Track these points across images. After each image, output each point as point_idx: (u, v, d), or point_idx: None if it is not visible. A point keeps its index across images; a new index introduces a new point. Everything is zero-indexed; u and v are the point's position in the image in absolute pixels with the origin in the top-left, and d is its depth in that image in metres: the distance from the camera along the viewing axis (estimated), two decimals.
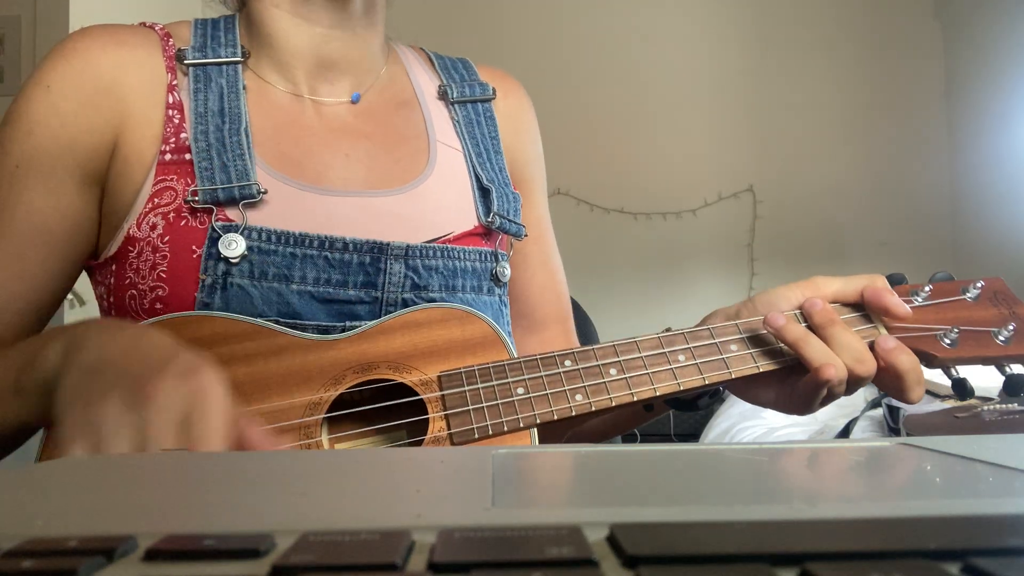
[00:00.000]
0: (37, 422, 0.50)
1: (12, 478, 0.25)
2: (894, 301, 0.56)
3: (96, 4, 2.00)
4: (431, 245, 0.62)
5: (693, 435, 2.44)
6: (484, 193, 0.68)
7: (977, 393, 1.61)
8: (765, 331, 0.56)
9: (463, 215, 0.66)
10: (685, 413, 0.65)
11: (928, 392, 1.68)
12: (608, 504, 0.22)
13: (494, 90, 0.74)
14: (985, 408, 1.49)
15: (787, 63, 3.11)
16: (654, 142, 3.12)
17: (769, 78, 3.11)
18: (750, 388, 0.59)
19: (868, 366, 0.53)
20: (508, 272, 0.68)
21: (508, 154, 0.73)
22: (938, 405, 1.57)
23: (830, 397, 0.54)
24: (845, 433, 1.69)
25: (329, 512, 0.21)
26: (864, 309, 0.58)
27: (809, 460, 0.31)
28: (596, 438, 0.70)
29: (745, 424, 1.97)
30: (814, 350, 0.53)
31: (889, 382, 0.55)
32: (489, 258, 0.66)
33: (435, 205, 0.65)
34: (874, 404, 1.83)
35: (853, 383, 0.54)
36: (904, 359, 0.53)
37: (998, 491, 0.23)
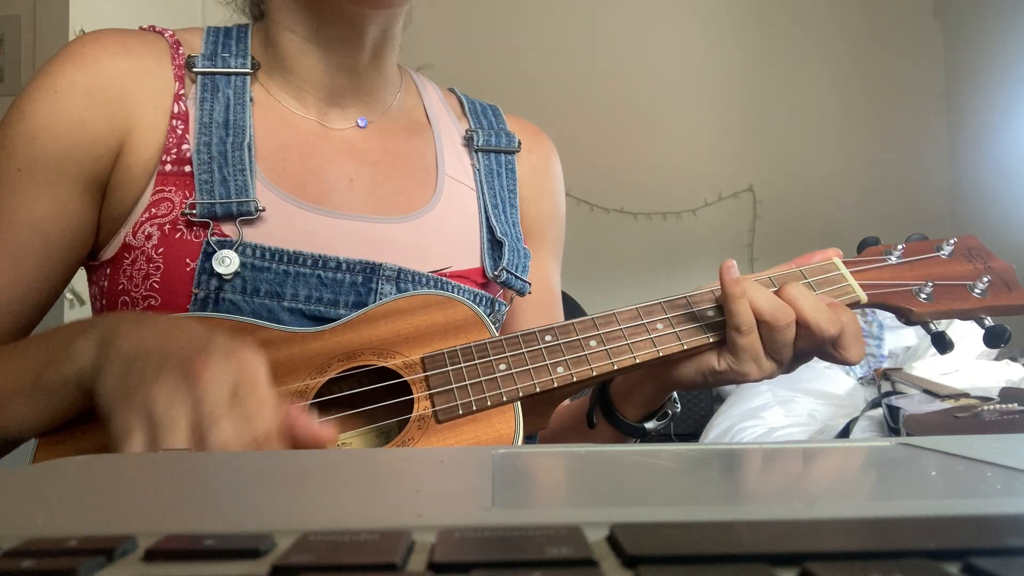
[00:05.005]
0: (51, 423, 0.49)
1: (12, 478, 0.25)
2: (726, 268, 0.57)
3: (96, 4, 2.00)
4: (425, 273, 0.62)
5: (693, 435, 2.44)
6: (496, 245, 0.67)
7: (978, 393, 1.60)
8: None
9: (465, 253, 0.66)
10: (634, 435, 0.63)
11: (928, 392, 1.68)
12: (608, 504, 0.22)
13: (519, 143, 0.74)
14: (985, 408, 1.48)
15: (787, 63, 3.11)
16: (654, 142, 3.12)
17: (769, 78, 3.11)
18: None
19: (784, 313, 0.53)
20: (502, 322, 0.68)
21: (522, 207, 0.73)
22: (938, 405, 1.57)
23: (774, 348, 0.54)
24: (845, 433, 1.68)
25: (329, 512, 0.21)
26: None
27: (809, 460, 0.31)
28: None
29: (745, 424, 1.97)
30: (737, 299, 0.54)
31: (808, 336, 0.54)
32: (485, 303, 0.65)
33: (435, 238, 0.65)
34: (874, 404, 1.83)
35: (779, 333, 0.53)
36: (806, 303, 0.53)
37: (998, 491, 0.23)
